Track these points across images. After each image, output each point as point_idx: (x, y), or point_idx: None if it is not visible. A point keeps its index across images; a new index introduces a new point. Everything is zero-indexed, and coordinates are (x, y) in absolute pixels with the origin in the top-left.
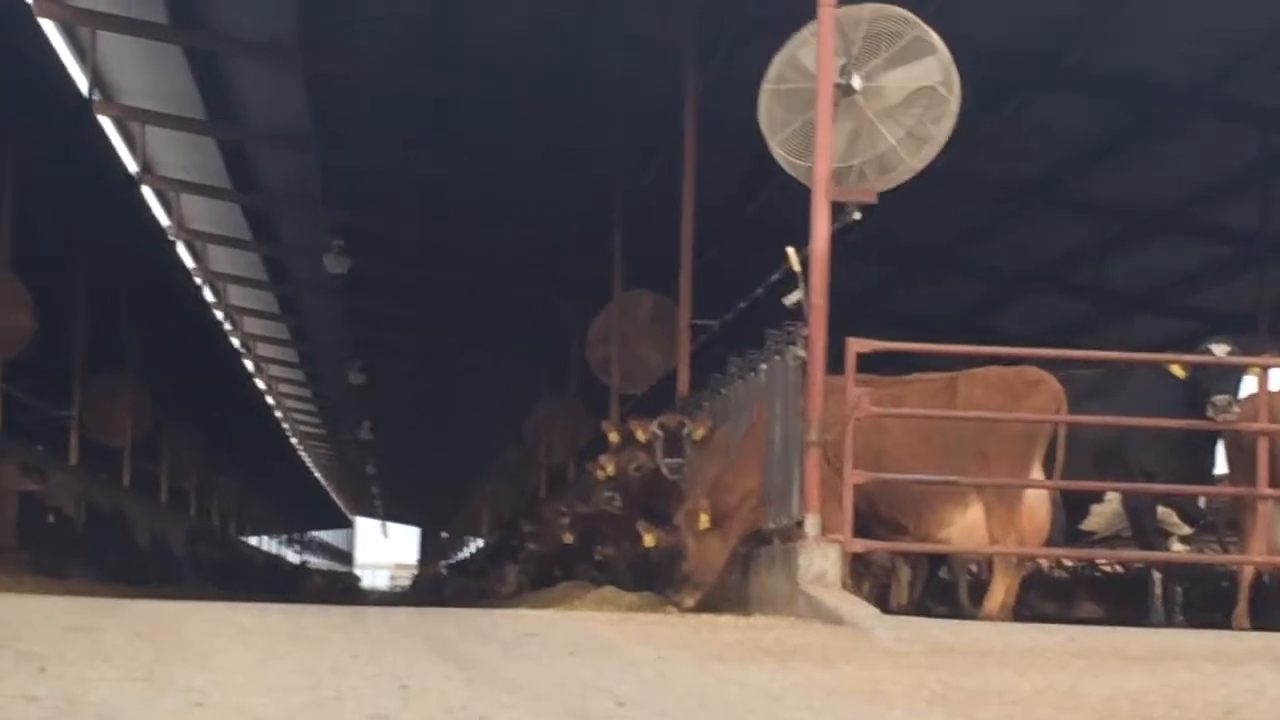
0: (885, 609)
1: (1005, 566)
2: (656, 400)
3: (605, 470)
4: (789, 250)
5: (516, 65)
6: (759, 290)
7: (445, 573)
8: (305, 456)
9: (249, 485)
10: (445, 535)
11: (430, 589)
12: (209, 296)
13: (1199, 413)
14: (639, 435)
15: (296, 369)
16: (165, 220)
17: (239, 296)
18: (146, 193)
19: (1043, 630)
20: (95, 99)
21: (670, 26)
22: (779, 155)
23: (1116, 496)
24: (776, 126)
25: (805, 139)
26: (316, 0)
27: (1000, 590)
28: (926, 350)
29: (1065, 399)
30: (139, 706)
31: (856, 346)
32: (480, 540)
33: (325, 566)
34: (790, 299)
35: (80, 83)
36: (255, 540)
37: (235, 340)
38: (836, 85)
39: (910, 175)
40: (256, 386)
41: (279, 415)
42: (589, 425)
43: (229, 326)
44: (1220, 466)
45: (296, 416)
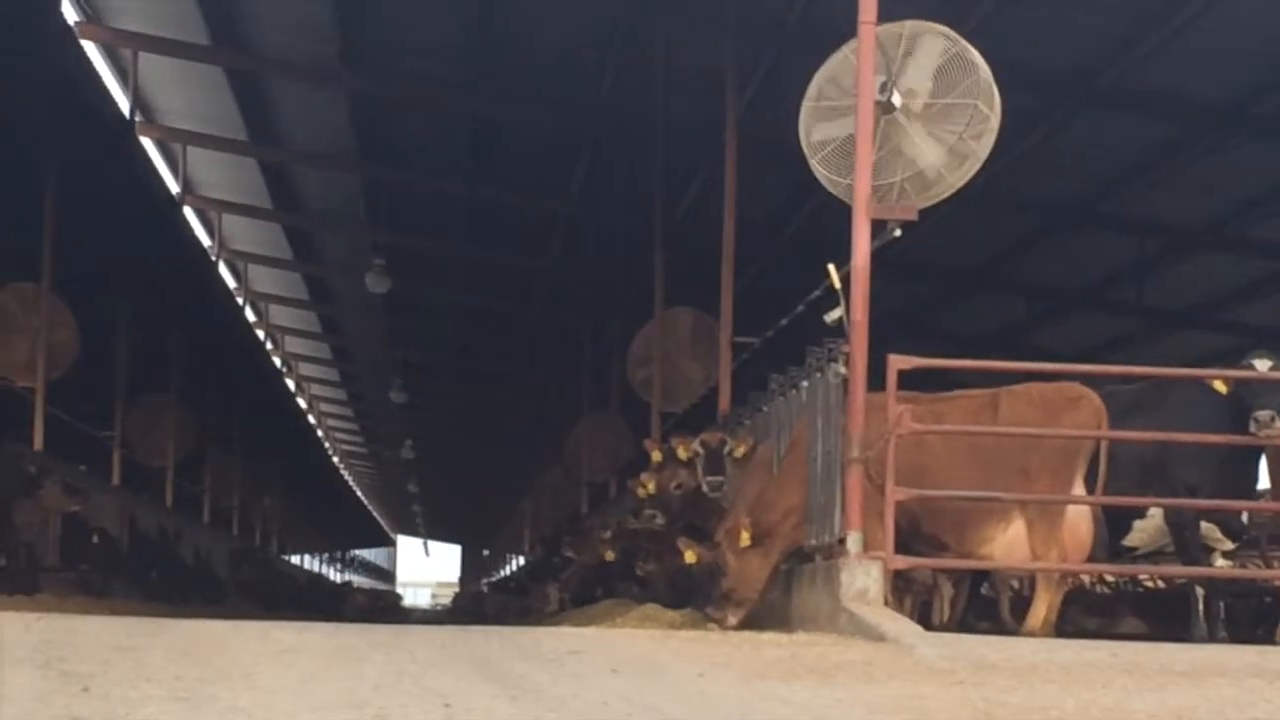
0: (927, 626)
1: (1048, 582)
2: (698, 418)
3: (646, 488)
4: (830, 267)
5: (559, 85)
6: (800, 307)
7: (486, 591)
8: (347, 475)
9: (291, 504)
10: (486, 553)
11: (472, 607)
12: (251, 316)
13: (1241, 428)
14: (680, 453)
15: (338, 388)
16: (207, 240)
17: (280, 316)
18: (188, 213)
19: (1086, 646)
20: (137, 120)
21: (711, 46)
22: (819, 173)
23: (1159, 512)
24: (817, 144)
25: (845, 156)
26: (359, 21)
27: (1043, 606)
28: (968, 367)
29: (1107, 415)
30: None
31: (898, 363)
32: (522, 558)
33: (367, 585)
34: (831, 316)
35: (122, 104)
36: (297, 559)
37: (277, 360)
38: (876, 102)
39: (951, 192)
40: (298, 406)
41: (321, 434)
42: (630, 443)
43: (271, 346)
44: (1263, 481)
45: (338, 435)
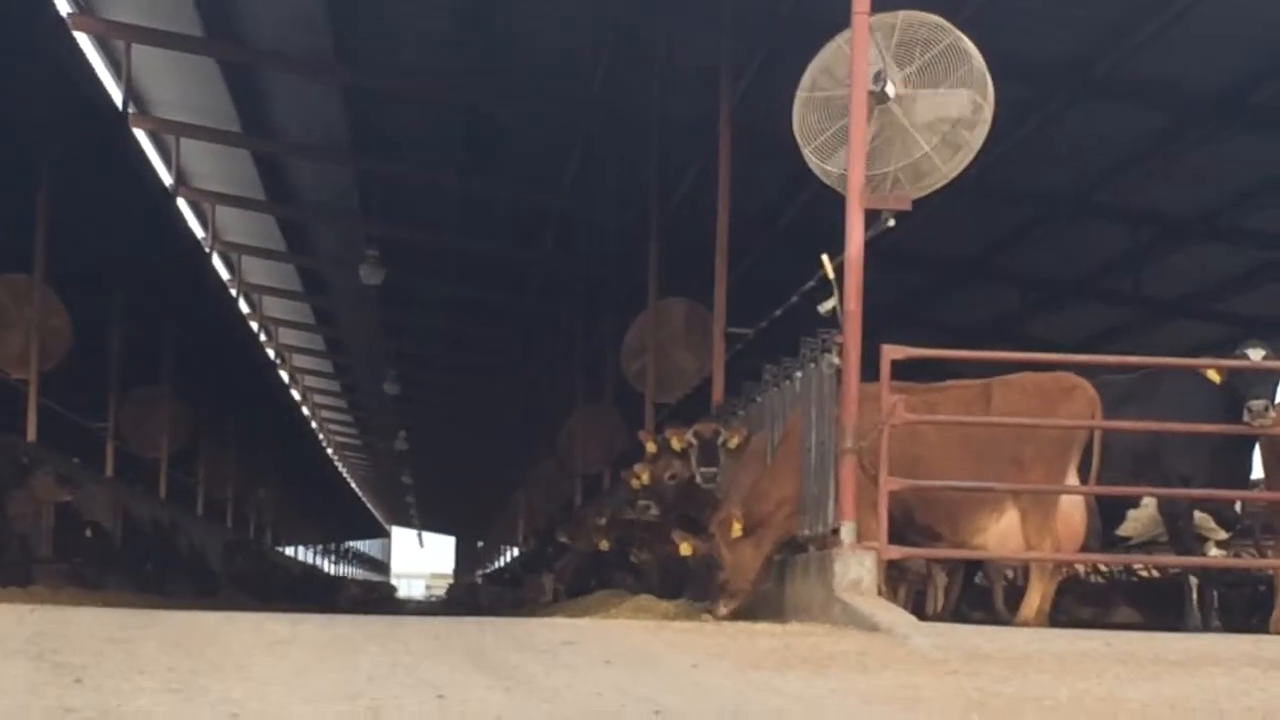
0: (921, 616)
1: (1041, 572)
2: (692, 408)
3: (640, 479)
4: (823, 258)
5: (551, 77)
6: (794, 298)
7: (480, 582)
8: (341, 467)
9: (285, 496)
10: (481, 545)
11: (466, 598)
12: (244, 308)
13: (1235, 417)
14: (674, 444)
15: (332, 380)
16: (200, 232)
17: (274, 308)
18: (181, 205)
19: (1079, 636)
20: (130, 112)
21: (706, 38)
22: (813, 163)
23: (1153, 501)
24: (811, 134)
25: (839, 146)
26: (353, 13)
27: (1036, 596)
28: (961, 357)
29: (1100, 404)
30: (175, 717)
31: (891, 353)
32: (516, 549)
33: (361, 576)
34: (825, 306)
35: (115, 96)
36: (291, 551)
37: (271, 351)
38: (870, 92)
39: (944, 182)
40: (292, 397)
41: (315, 426)
42: (624, 434)
43: (264, 338)
44: (1256, 471)
45: (332, 427)
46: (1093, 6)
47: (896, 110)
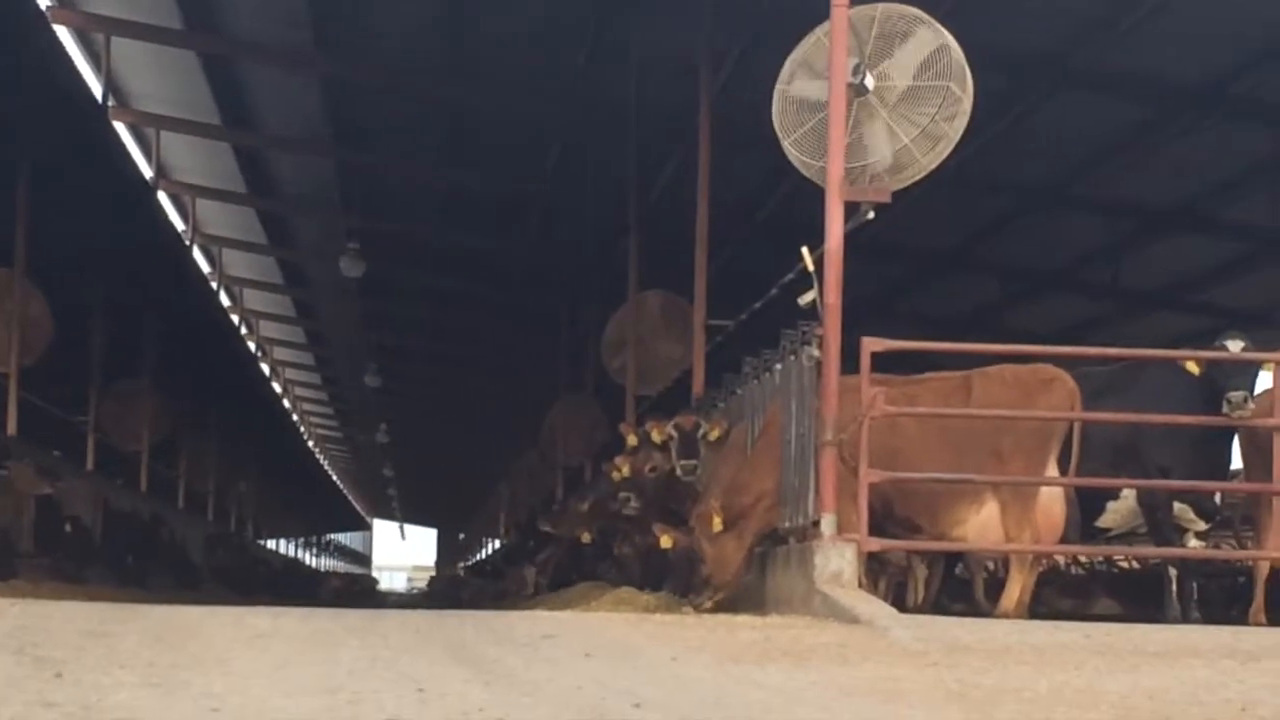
0: (901, 608)
1: (1021, 564)
2: (672, 401)
3: (621, 471)
4: (803, 250)
5: (532, 70)
6: (774, 290)
7: (463, 574)
8: (323, 459)
9: (266, 489)
10: (463, 537)
11: (448, 591)
12: (225, 301)
13: (1214, 409)
14: (655, 436)
15: (313, 372)
16: (181, 225)
17: (255, 301)
18: (162, 198)
19: (1059, 627)
20: (110, 105)
21: (684, 28)
22: (792, 155)
23: (1132, 493)
24: (790, 127)
25: (818, 139)
26: (333, 5)
27: (1016, 588)
28: (941, 349)
29: (1080, 396)
30: (156, 712)
31: (871, 346)
32: (498, 541)
33: (343, 569)
34: (805, 299)
35: (95, 89)
36: (273, 544)
37: (251, 344)
38: (849, 85)
39: (924, 174)
40: (273, 390)
41: (296, 419)
42: (605, 426)
43: (245, 331)
44: (1236, 462)
45: (313, 420)
46: None
47: (876, 102)
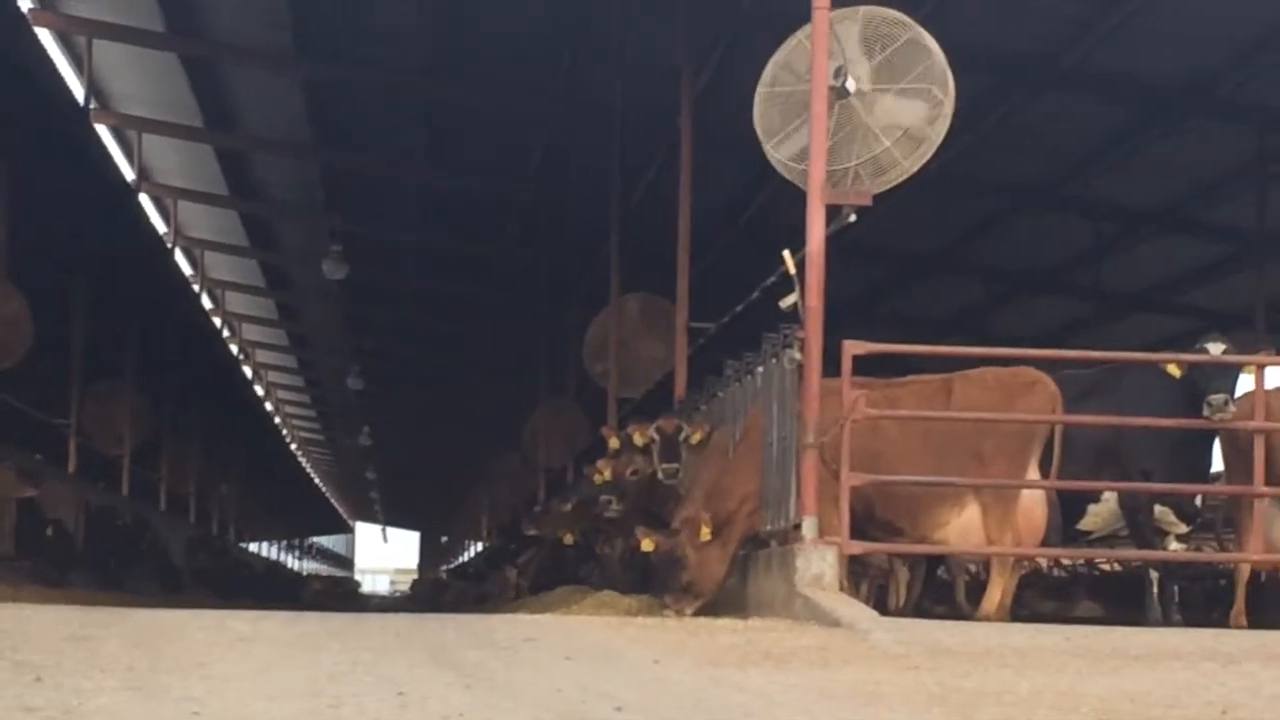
0: (883, 611)
1: (1002, 567)
2: (654, 404)
3: (603, 474)
4: (785, 253)
5: (514, 72)
6: (755, 293)
7: (445, 577)
8: (305, 462)
9: (248, 492)
10: (445, 540)
11: (430, 594)
12: (207, 303)
13: (1195, 411)
14: (636, 439)
15: (295, 375)
16: (163, 228)
17: (237, 303)
18: (144, 200)
19: (1040, 630)
20: (92, 107)
21: (667, 33)
22: (774, 158)
23: (1113, 496)
24: (772, 130)
25: (800, 142)
26: (315, 7)
27: (997, 591)
28: (922, 352)
29: (1061, 399)
30: (136, 716)
31: (853, 349)
32: (480, 545)
33: (325, 572)
34: (786, 302)
35: (77, 91)
36: (255, 547)
37: (234, 347)
38: (831, 88)
39: (905, 177)
40: (255, 393)
41: (278, 421)
42: (587, 429)
43: (227, 333)
44: (1216, 465)
45: (296, 422)
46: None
47: (857, 105)
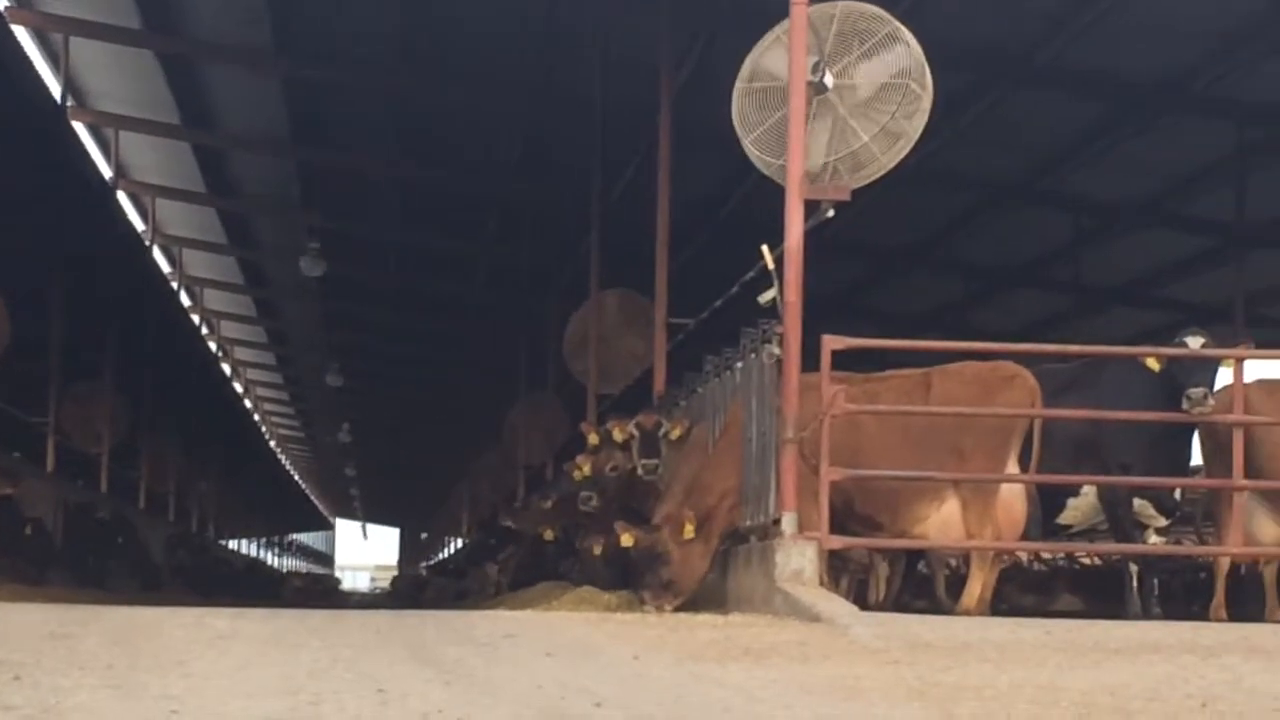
0: (863, 605)
1: (982, 561)
2: (634, 400)
3: (582, 470)
4: (763, 248)
5: (493, 68)
6: (734, 288)
7: (425, 574)
8: (284, 459)
9: (228, 489)
10: (425, 536)
11: (410, 590)
12: (185, 301)
13: (1174, 405)
14: (616, 435)
15: (274, 372)
16: (141, 225)
17: (216, 300)
18: (121, 198)
19: (1020, 624)
20: (69, 105)
21: (644, 27)
22: (752, 154)
23: (1093, 490)
24: (750, 125)
25: (778, 137)
26: (292, 4)
27: (977, 585)
28: (902, 346)
29: (1040, 393)
30: (115, 714)
31: (832, 344)
32: (460, 541)
33: (305, 569)
34: (765, 297)
35: (54, 89)
36: (235, 544)
37: (212, 344)
38: (809, 83)
39: (883, 172)
40: (234, 390)
41: (257, 418)
42: (567, 425)
43: (206, 330)
44: (1196, 458)
45: (275, 419)
46: None
47: (835, 101)
